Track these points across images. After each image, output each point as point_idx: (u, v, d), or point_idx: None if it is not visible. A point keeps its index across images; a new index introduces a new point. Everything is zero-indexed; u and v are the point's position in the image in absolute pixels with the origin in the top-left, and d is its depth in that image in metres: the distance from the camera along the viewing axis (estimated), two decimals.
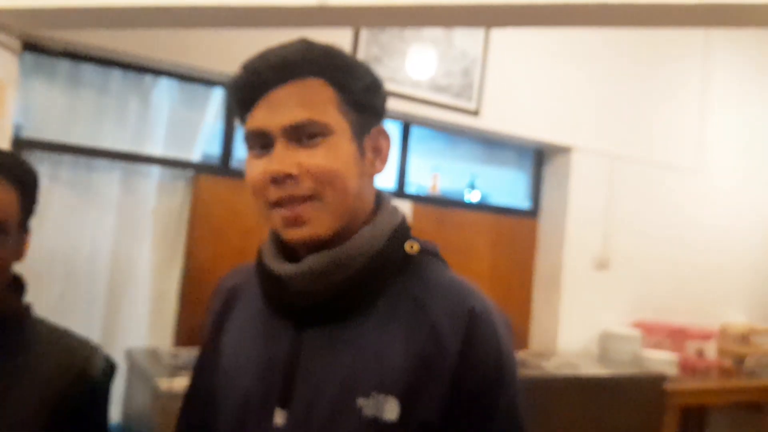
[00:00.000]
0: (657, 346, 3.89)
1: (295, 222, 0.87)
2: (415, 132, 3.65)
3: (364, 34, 3.24)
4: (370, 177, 0.94)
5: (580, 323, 3.91)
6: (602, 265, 3.99)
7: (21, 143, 2.68)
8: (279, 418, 0.88)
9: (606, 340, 3.86)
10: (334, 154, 0.86)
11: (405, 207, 3.44)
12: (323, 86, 0.88)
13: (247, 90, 0.89)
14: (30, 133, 2.76)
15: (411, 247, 0.93)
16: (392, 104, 1.83)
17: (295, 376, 0.88)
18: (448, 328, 0.85)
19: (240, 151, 3.23)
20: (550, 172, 4.11)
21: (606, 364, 3.61)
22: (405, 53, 3.39)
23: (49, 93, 2.84)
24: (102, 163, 2.89)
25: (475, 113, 3.56)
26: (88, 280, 2.84)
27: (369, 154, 0.92)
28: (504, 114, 3.67)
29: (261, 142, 0.88)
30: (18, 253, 1.10)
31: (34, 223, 1.18)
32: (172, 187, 3.06)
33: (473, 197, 3.96)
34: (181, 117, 3.08)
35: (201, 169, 3.09)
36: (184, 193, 3.07)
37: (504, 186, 4.17)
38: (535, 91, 3.77)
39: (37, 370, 1.08)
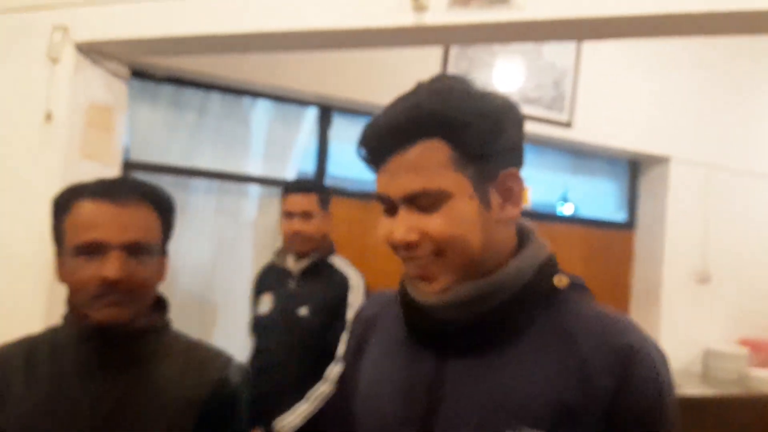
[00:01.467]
0: (764, 364, 3.69)
1: (423, 278, 0.89)
2: None
3: (454, 48, 3.24)
4: (503, 222, 0.90)
5: (681, 340, 3.75)
6: (703, 278, 3.83)
7: (128, 165, 2.82)
8: None
9: (709, 358, 3.69)
10: (452, 218, 0.86)
11: None
12: (437, 148, 0.86)
13: (366, 158, 0.92)
14: (135, 155, 2.90)
15: (560, 280, 0.93)
16: None
17: (438, 404, 0.89)
18: (601, 365, 0.82)
19: (333, 168, 3.29)
20: (646, 182, 3.98)
21: (710, 383, 3.45)
22: (494, 66, 3.37)
23: (153, 117, 2.98)
24: (200, 182, 3.01)
25: (568, 125, 3.50)
26: (188, 297, 2.95)
27: (496, 201, 0.89)
28: (598, 125, 3.59)
29: (386, 205, 0.91)
30: (161, 273, 1.19)
31: None
32: (267, 205, 3.15)
33: (566, 210, 3.88)
34: (277, 136, 3.17)
35: None
36: (279, 210, 3.14)
37: (595, 197, 4.08)
38: (630, 101, 3.68)
39: (178, 381, 1.16)
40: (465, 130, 0.85)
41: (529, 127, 3.45)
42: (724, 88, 3.92)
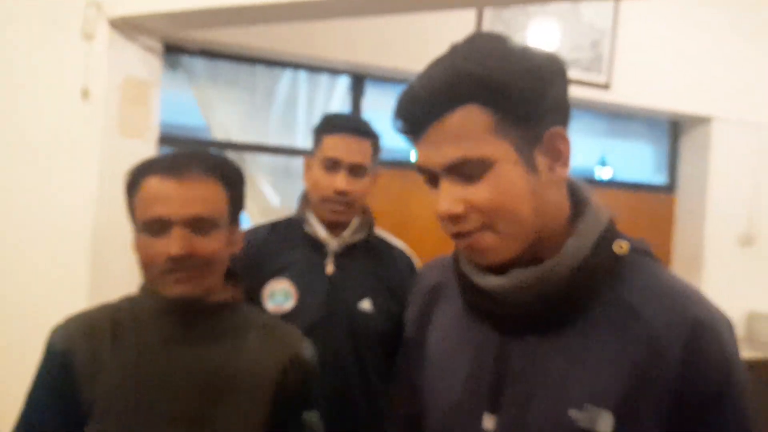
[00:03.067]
0: None
1: (475, 251, 0.86)
2: None
3: (488, 11, 3.18)
4: (552, 185, 0.85)
5: (725, 304, 3.59)
6: (748, 241, 3.74)
7: (164, 139, 2.83)
8: (488, 422, 0.87)
9: (753, 321, 3.64)
10: (498, 186, 0.81)
11: None
12: (477, 113, 0.80)
13: (403, 129, 0.87)
14: (171, 129, 2.92)
15: (620, 247, 0.86)
16: None
17: (503, 383, 0.87)
18: (668, 339, 0.79)
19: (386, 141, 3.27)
20: (687, 144, 3.89)
21: (754, 346, 3.41)
22: (529, 29, 3.30)
23: (188, 90, 2.99)
24: (234, 155, 3.02)
25: (606, 87, 3.42)
26: None
27: (544, 163, 0.84)
28: (637, 86, 3.50)
29: (428, 176, 0.87)
30: (231, 246, 1.18)
31: None
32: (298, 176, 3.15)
33: (604, 174, 3.82)
34: (309, 106, 3.16)
35: None
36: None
37: (633, 160, 3.99)
38: (671, 60, 3.57)
39: (259, 355, 1.17)
40: (505, 92, 0.80)
41: None
42: None
